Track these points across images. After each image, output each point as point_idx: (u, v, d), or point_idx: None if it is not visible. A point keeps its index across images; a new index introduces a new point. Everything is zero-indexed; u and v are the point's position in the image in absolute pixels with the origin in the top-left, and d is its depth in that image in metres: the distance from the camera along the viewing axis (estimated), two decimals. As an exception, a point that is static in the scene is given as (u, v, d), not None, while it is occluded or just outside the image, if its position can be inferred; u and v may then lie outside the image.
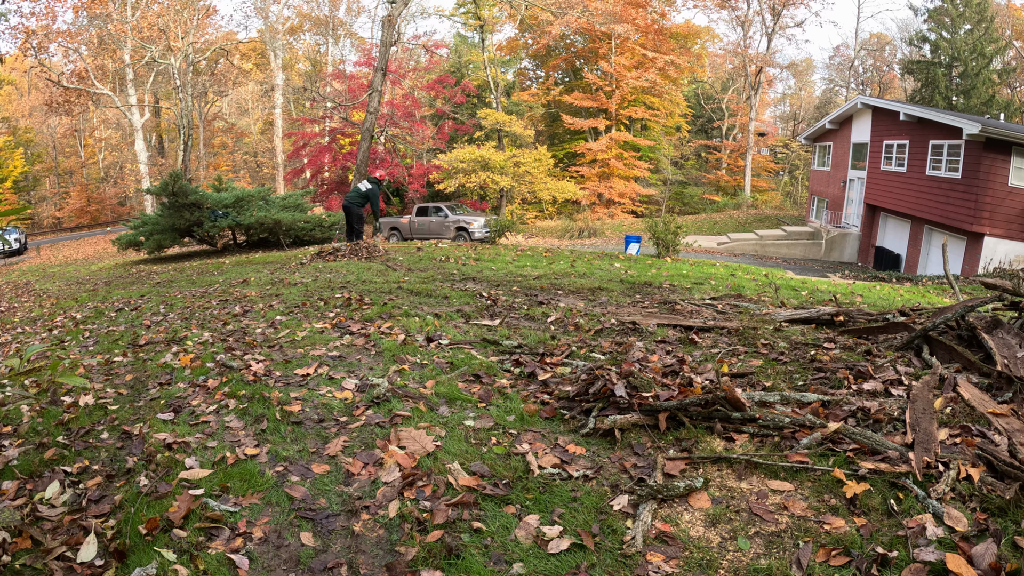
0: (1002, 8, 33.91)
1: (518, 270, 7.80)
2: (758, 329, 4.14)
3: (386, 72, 17.45)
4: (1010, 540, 1.84)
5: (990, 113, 26.94)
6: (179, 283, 8.85)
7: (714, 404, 2.67)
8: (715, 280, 7.32)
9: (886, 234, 19.94)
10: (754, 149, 36.06)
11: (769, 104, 46.26)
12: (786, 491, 2.21)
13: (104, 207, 42.03)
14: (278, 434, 2.88)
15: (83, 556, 2.05)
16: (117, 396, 3.55)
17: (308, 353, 4.04)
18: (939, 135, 16.09)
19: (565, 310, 5.19)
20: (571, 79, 35.18)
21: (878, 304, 5.96)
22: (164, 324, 5.53)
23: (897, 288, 8.95)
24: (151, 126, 40.41)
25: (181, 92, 29.50)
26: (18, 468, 2.64)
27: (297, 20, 40.80)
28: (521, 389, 3.35)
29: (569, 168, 31.81)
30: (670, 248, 12.02)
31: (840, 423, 2.50)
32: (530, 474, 2.44)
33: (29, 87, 42.84)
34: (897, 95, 41.82)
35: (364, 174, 16.88)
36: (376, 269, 8.13)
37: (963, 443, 2.35)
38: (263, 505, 2.34)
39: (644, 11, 31.04)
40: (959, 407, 2.63)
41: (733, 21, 36.98)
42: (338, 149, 29.11)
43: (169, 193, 15.64)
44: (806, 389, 3.06)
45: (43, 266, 21.00)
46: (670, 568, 1.90)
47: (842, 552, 1.88)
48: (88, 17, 28.51)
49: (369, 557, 2.05)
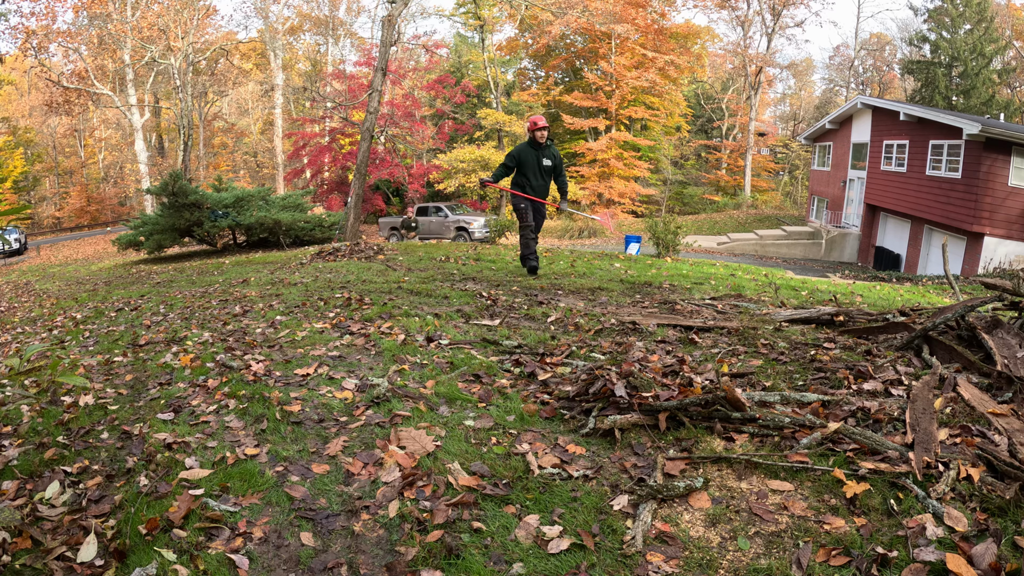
0: (1002, 8, 33.91)
1: (518, 270, 7.80)
2: (758, 329, 4.14)
3: (386, 72, 17.45)
4: (1010, 540, 1.84)
5: (990, 113, 26.95)
6: (179, 283, 8.86)
7: (714, 404, 2.67)
8: (715, 280, 7.32)
9: (886, 234, 19.95)
10: (754, 149, 36.06)
11: (769, 104, 46.28)
12: (786, 491, 2.21)
13: (104, 207, 42.04)
14: (278, 434, 2.88)
15: (83, 556, 2.05)
16: (117, 396, 3.55)
17: (308, 353, 4.04)
18: (939, 135, 16.10)
19: (565, 310, 5.20)
20: (571, 79, 35.18)
21: (878, 304, 5.96)
22: (164, 324, 5.53)
23: (897, 288, 8.95)
24: (151, 126, 40.44)
25: (181, 92, 29.51)
26: (18, 468, 2.64)
27: (297, 20, 40.82)
28: (521, 389, 3.35)
29: (569, 168, 31.83)
30: (670, 248, 12.02)
31: (840, 423, 2.51)
32: (530, 474, 2.44)
33: (29, 87, 42.85)
34: (897, 95, 41.82)
35: (364, 174, 16.87)
36: (376, 269, 8.14)
37: (963, 443, 2.35)
38: (263, 505, 2.34)
39: (644, 11, 31.04)
40: (959, 407, 2.63)
41: (733, 21, 37.00)
42: (338, 149, 29.13)
43: (169, 193, 15.65)
44: (806, 389, 3.06)
45: (43, 266, 21.00)
46: (670, 568, 1.90)
47: (842, 552, 1.88)
48: (88, 17, 28.52)
49: (369, 557, 2.05)
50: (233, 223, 16.01)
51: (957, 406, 2.64)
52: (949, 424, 2.52)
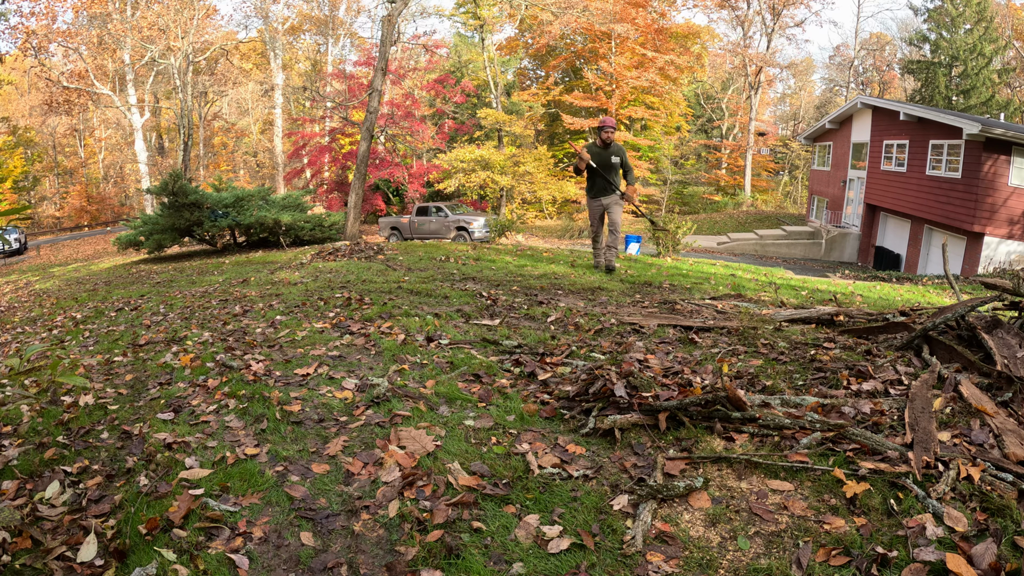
0: (1002, 8, 33.91)
1: (518, 270, 7.81)
2: (758, 329, 4.14)
3: (386, 72, 17.46)
4: (1010, 540, 1.84)
5: (990, 113, 26.95)
6: (179, 283, 8.86)
7: (715, 404, 2.67)
8: (715, 280, 7.32)
9: (886, 234, 19.95)
10: (754, 149, 36.06)
11: (769, 104, 46.29)
12: (786, 491, 2.21)
13: (104, 207, 42.02)
14: (278, 434, 2.88)
15: (83, 556, 2.05)
16: (117, 396, 3.55)
17: (308, 353, 4.05)
18: (939, 135, 16.10)
19: (565, 310, 5.19)
20: (571, 79, 35.19)
21: (878, 304, 5.97)
22: (164, 324, 5.53)
23: (897, 288, 8.95)
24: (151, 126, 40.42)
25: (181, 92, 29.50)
26: (18, 468, 2.64)
27: (297, 20, 40.78)
28: (521, 389, 3.35)
29: (568, 168, 31.81)
30: (670, 248, 12.02)
31: (840, 422, 2.51)
32: (530, 474, 2.44)
33: (29, 87, 42.81)
34: (897, 95, 41.83)
35: (364, 174, 16.87)
36: (376, 269, 8.13)
37: (962, 443, 2.35)
38: (263, 505, 2.34)
39: (644, 11, 31.04)
40: (959, 406, 2.63)
41: (733, 21, 37.00)
42: (338, 149, 29.14)
43: (169, 193, 15.64)
44: (806, 389, 3.07)
45: (43, 266, 21.01)
46: (670, 568, 1.90)
47: (842, 552, 1.88)
48: (88, 17, 28.49)
49: (369, 557, 2.05)
50: (233, 223, 16.01)
51: (957, 405, 2.64)
52: (949, 424, 2.52)
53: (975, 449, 2.30)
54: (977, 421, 2.50)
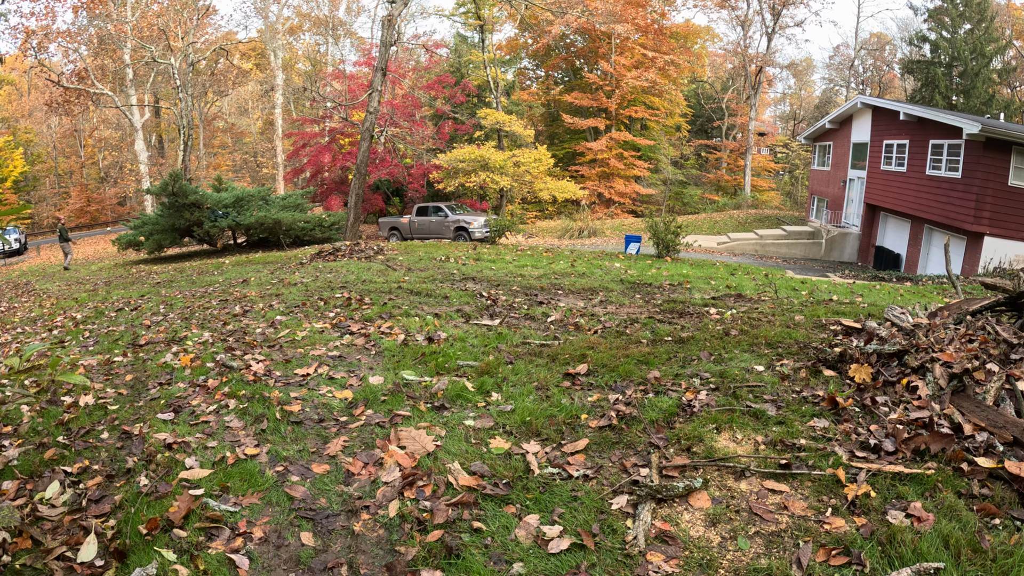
0: (1002, 8, 33.91)
1: (518, 270, 7.80)
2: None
3: (386, 72, 17.45)
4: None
5: (990, 113, 26.95)
6: (179, 283, 8.85)
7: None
8: (715, 280, 7.31)
9: (886, 234, 19.94)
10: (754, 149, 36.07)
11: (769, 104, 46.29)
12: (786, 491, 2.21)
13: (104, 207, 42.02)
14: (278, 434, 2.88)
15: (83, 556, 2.04)
16: (117, 396, 3.55)
17: (308, 353, 4.04)
18: (939, 135, 16.09)
19: (565, 310, 5.19)
20: (571, 79, 35.17)
21: (879, 303, 5.96)
22: (164, 324, 5.53)
23: (897, 288, 8.94)
24: (151, 126, 40.43)
25: (181, 92, 29.50)
26: (18, 468, 2.64)
27: (297, 20, 40.81)
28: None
29: (569, 168, 31.80)
30: (670, 248, 12.01)
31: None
32: (530, 474, 2.44)
33: (29, 87, 42.85)
34: (897, 95, 41.83)
35: (364, 174, 16.87)
36: (376, 269, 8.13)
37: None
38: (263, 505, 2.34)
39: (644, 11, 31.03)
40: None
41: (733, 21, 37.00)
42: (338, 149, 29.12)
43: (169, 193, 15.65)
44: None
45: (43, 266, 21.00)
46: (670, 568, 1.90)
47: (842, 552, 1.88)
48: (88, 17, 28.49)
49: (369, 557, 2.05)
50: (233, 223, 16.01)
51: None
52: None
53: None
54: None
